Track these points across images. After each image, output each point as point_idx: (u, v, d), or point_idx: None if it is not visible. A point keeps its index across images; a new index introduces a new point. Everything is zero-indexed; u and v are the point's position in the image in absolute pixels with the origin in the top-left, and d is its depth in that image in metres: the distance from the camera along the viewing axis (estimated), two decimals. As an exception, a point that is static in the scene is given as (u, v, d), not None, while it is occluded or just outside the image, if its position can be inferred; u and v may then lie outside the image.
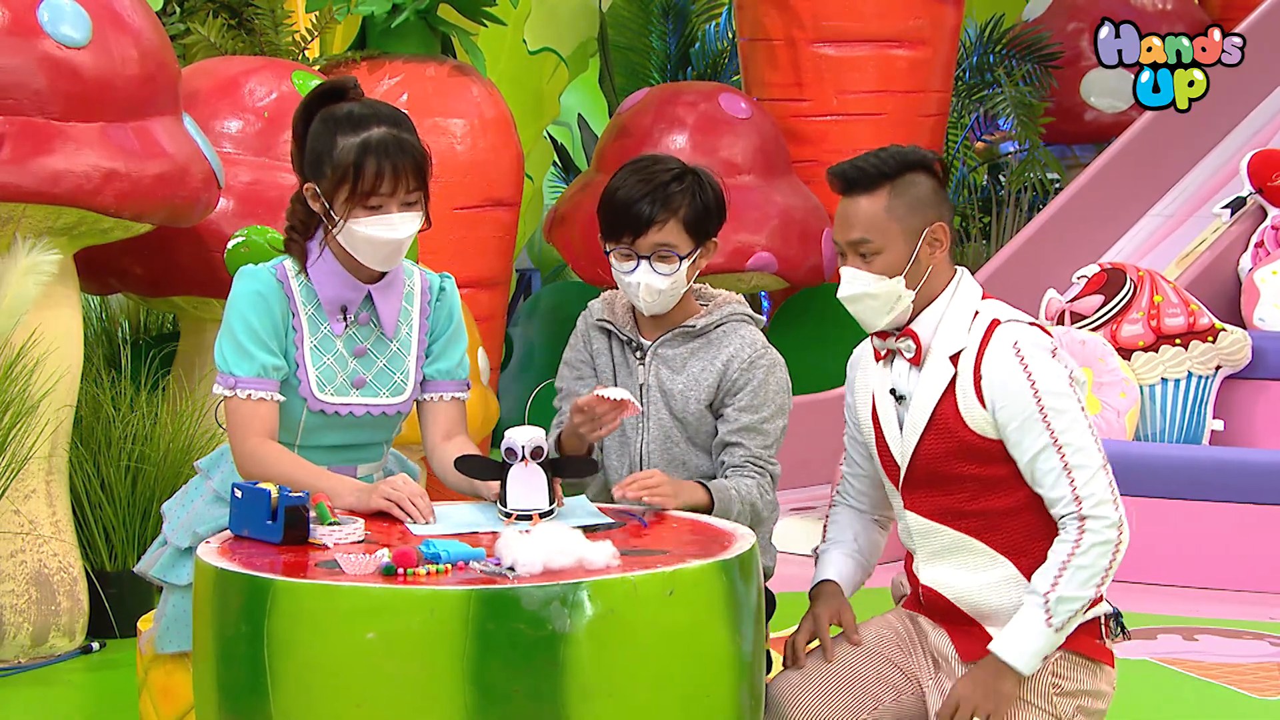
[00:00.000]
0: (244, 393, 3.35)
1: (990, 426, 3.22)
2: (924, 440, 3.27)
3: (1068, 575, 3.17)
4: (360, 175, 3.32)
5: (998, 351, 3.21)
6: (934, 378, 3.26)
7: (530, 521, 3.20)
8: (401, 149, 3.34)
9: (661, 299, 3.59)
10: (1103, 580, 3.19)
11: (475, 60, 6.74)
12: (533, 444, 3.26)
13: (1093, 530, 3.17)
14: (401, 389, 3.47)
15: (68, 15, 5.06)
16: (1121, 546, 3.19)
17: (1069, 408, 3.18)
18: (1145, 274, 7.16)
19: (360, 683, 2.78)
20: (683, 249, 3.55)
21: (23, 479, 5.17)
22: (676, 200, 3.54)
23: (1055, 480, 3.19)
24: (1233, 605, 6.01)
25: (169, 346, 6.14)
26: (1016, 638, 3.21)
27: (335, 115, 3.38)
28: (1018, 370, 3.19)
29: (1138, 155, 7.94)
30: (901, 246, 3.26)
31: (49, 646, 5.29)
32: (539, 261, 9.85)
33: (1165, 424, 6.90)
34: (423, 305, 3.52)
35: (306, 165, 3.40)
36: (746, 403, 3.60)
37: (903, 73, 7.81)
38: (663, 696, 2.86)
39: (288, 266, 3.44)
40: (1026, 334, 3.23)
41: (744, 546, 3.03)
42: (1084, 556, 3.17)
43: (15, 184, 4.97)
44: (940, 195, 3.31)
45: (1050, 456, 3.18)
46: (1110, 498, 3.18)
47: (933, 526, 3.30)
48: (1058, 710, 3.26)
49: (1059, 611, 3.18)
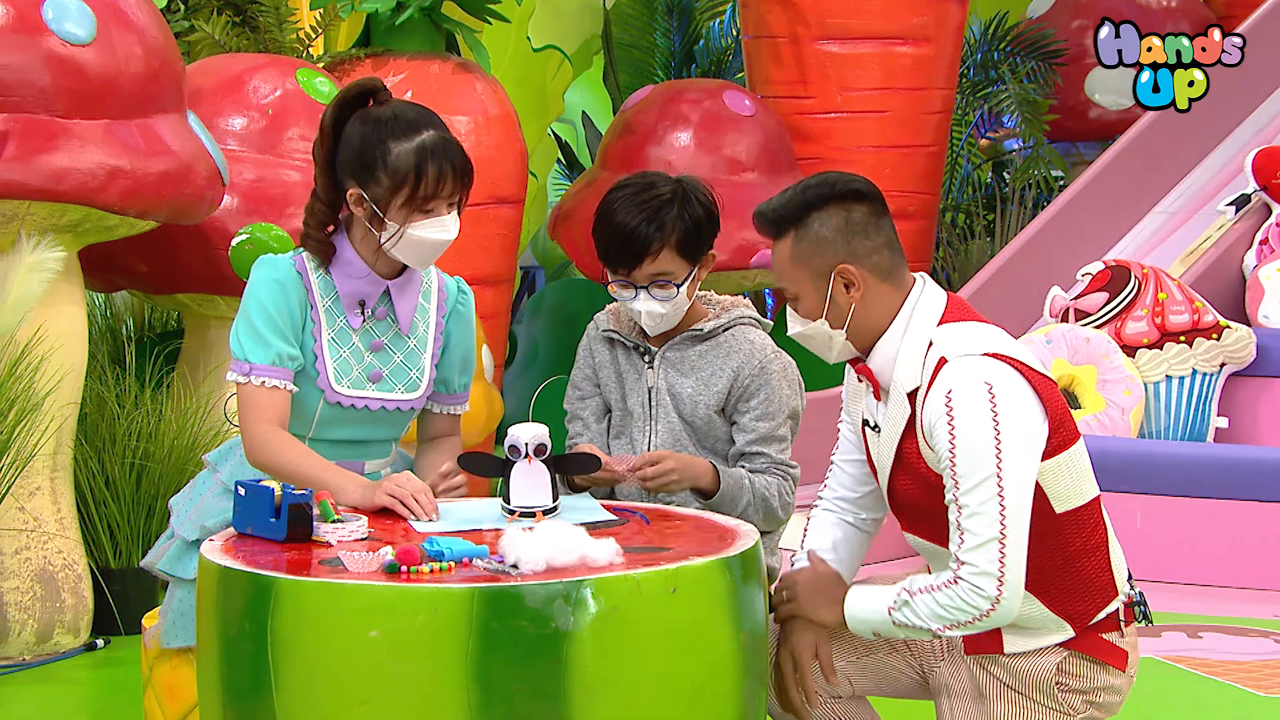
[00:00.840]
0: (258, 380, 3.36)
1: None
2: (894, 476, 3.22)
3: (926, 597, 3.10)
4: (422, 179, 3.33)
5: (934, 396, 3.09)
6: (896, 415, 3.18)
7: (534, 519, 3.20)
8: (455, 151, 3.37)
9: (665, 321, 3.61)
10: (951, 627, 3.09)
11: (479, 57, 6.74)
12: (536, 441, 3.27)
13: (963, 589, 3.07)
14: (417, 385, 3.50)
15: (72, 12, 5.06)
16: (989, 618, 3.05)
17: (979, 471, 3.03)
18: (1150, 271, 7.15)
19: (364, 681, 2.78)
20: (679, 275, 3.56)
21: (28, 476, 5.17)
22: (668, 228, 3.52)
23: (952, 533, 3.09)
24: (1237, 603, 6.01)
25: (173, 344, 6.14)
26: (865, 600, 3.16)
27: (379, 118, 3.37)
28: (943, 419, 3.06)
29: (1142, 152, 7.93)
30: (813, 291, 3.18)
31: (54, 644, 5.29)
32: (543, 259, 9.84)
33: (1170, 421, 6.90)
34: (439, 304, 3.54)
35: (350, 169, 3.37)
36: (761, 411, 3.61)
37: (907, 70, 7.80)
38: (666, 694, 2.86)
39: (306, 259, 3.45)
40: (966, 377, 3.07)
41: (747, 544, 3.03)
42: (946, 598, 3.08)
43: (20, 181, 4.97)
44: (849, 231, 3.16)
45: (953, 509, 3.08)
46: (993, 572, 3.03)
47: (934, 548, 3.25)
48: (1065, 705, 3.21)
49: (901, 612, 3.11)
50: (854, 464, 3.39)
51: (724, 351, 3.64)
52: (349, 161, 3.38)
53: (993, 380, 3.07)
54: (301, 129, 5.85)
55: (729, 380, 3.62)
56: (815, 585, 3.24)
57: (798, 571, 3.30)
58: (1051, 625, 3.20)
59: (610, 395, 3.71)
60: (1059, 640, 3.20)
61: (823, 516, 3.42)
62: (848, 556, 3.39)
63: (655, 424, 3.64)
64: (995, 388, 3.06)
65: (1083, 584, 3.20)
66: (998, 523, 3.03)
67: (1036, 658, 3.21)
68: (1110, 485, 6.36)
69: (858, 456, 3.37)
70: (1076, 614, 3.20)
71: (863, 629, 3.18)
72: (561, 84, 8.66)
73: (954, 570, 3.08)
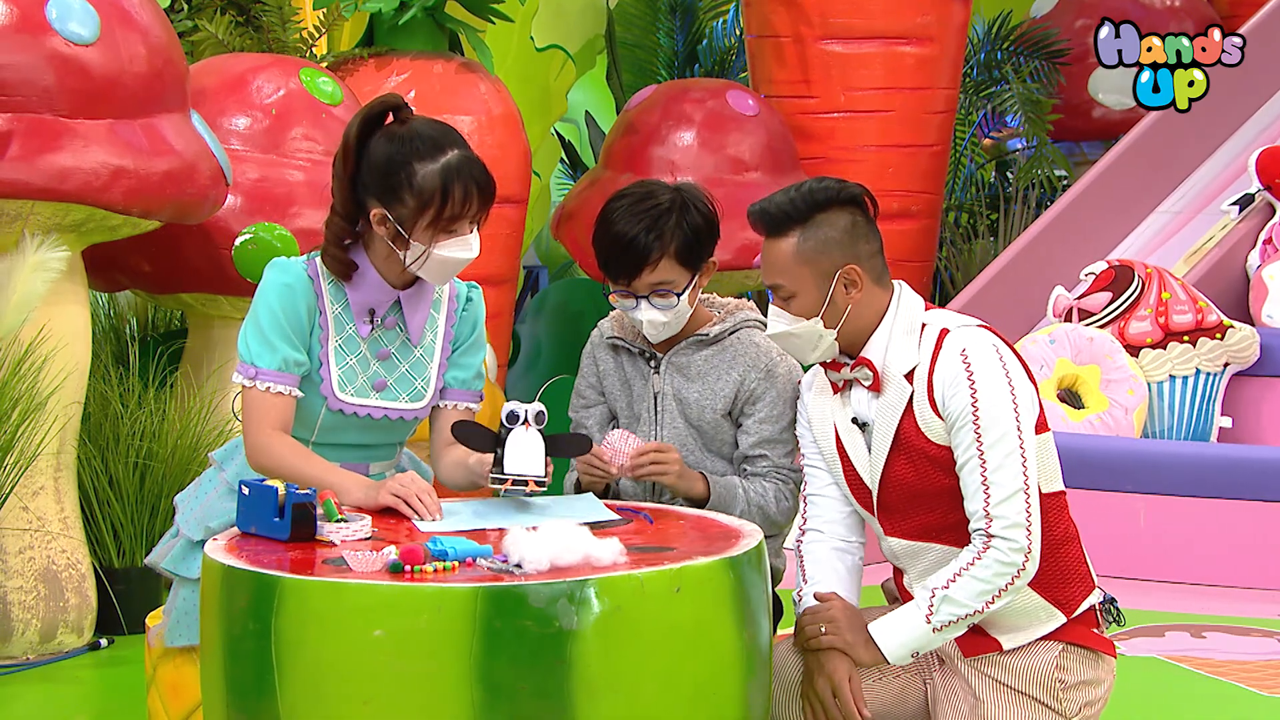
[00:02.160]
0: (263, 385, 3.36)
1: (948, 434, 3.20)
2: (891, 461, 3.25)
3: (961, 581, 3.16)
4: (449, 200, 3.32)
5: (947, 359, 3.19)
6: (893, 400, 3.24)
7: (526, 488, 3.20)
8: (479, 170, 3.36)
9: (667, 329, 3.61)
10: (994, 599, 3.16)
11: (483, 57, 6.74)
12: (535, 409, 3.27)
13: (997, 549, 3.15)
14: (421, 395, 3.49)
15: (76, 12, 5.06)
16: (1023, 573, 3.15)
17: (1001, 424, 3.14)
18: (1153, 271, 7.15)
19: (367, 680, 2.78)
20: (679, 284, 3.56)
21: (31, 476, 5.17)
22: (667, 237, 3.52)
23: (974, 493, 3.17)
24: (1241, 602, 6.01)
25: (177, 343, 6.14)
26: (895, 626, 3.20)
27: (402, 136, 3.35)
28: (963, 376, 3.17)
29: (1146, 152, 7.93)
30: (814, 290, 3.23)
31: (57, 643, 5.29)
32: (546, 258, 9.84)
33: (1173, 421, 6.90)
34: (449, 314, 3.53)
35: (374, 189, 3.35)
36: (765, 414, 3.62)
37: (910, 70, 7.79)
38: (670, 693, 2.86)
39: (319, 264, 3.44)
40: (974, 340, 3.20)
41: (751, 543, 3.03)
42: (982, 570, 3.15)
43: (24, 181, 4.97)
44: (855, 233, 3.24)
45: (974, 469, 3.16)
46: (1022, 523, 3.14)
47: (917, 546, 3.29)
48: (1063, 708, 3.26)
49: (941, 611, 3.16)
50: (832, 488, 3.40)
51: (730, 355, 3.64)
52: (373, 182, 3.36)
53: (997, 345, 3.22)
54: (305, 129, 5.85)
55: (735, 384, 3.63)
56: (853, 622, 3.26)
57: (831, 607, 3.29)
58: (1042, 614, 3.26)
59: (616, 402, 3.72)
60: (1050, 629, 3.26)
61: (817, 547, 3.39)
62: (850, 583, 3.38)
63: (661, 429, 3.65)
64: (1000, 351, 3.21)
65: (1065, 570, 3.28)
66: (1020, 475, 3.15)
67: (1035, 653, 3.27)
68: (1114, 485, 6.43)
69: (832, 482, 3.39)
70: (1063, 600, 3.27)
71: (903, 653, 3.22)
72: (565, 83, 8.66)
73: (983, 529, 3.15)
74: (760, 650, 3.02)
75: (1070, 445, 5.33)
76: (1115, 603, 3.35)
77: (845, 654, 3.23)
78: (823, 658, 3.26)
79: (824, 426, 3.35)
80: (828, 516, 3.39)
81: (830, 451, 3.35)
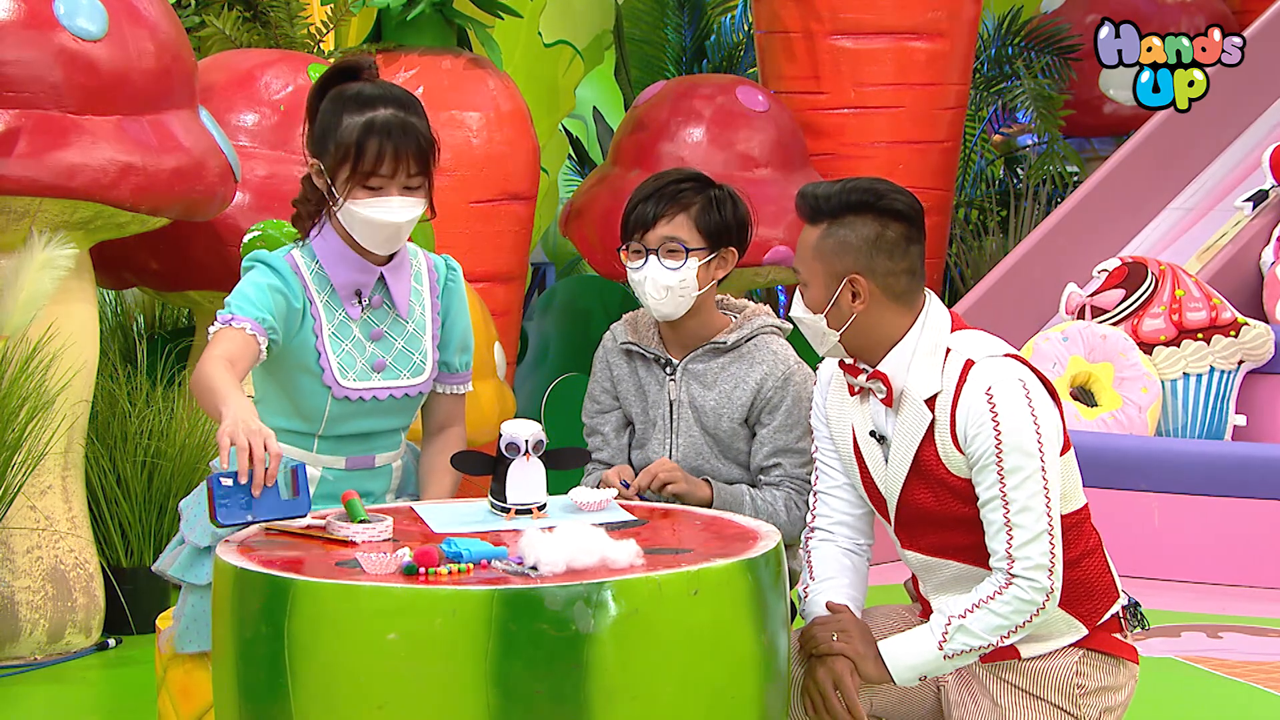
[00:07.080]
0: (236, 326, 3.30)
1: (969, 470, 3.16)
2: (910, 485, 3.21)
3: (979, 613, 3.12)
4: (361, 154, 3.33)
5: (971, 395, 3.12)
6: (912, 423, 3.18)
7: (530, 516, 3.18)
8: (405, 131, 3.34)
9: (670, 298, 3.56)
10: (1010, 634, 3.13)
11: (491, 53, 6.71)
12: (534, 438, 3.25)
13: (1019, 588, 3.11)
14: (421, 369, 3.49)
15: (83, 8, 5.04)
16: (1042, 612, 3.12)
17: (1026, 465, 3.09)
18: (1167, 268, 7.12)
19: (381, 684, 2.75)
20: (691, 243, 3.54)
21: (39, 475, 5.16)
22: (687, 197, 3.57)
23: (996, 532, 3.12)
24: (1257, 602, 5.98)
25: (184, 341, 6.13)
26: (905, 647, 3.17)
27: (345, 94, 3.39)
28: (987, 415, 3.10)
29: (1158, 148, 7.90)
30: (821, 288, 3.19)
31: (65, 643, 5.27)
32: (554, 255, 9.82)
33: (1187, 419, 6.87)
34: (432, 285, 3.54)
35: (314, 141, 3.42)
36: (781, 422, 3.61)
37: (921, 65, 7.76)
38: (687, 697, 2.83)
39: (296, 255, 3.43)
40: (1000, 375, 3.12)
41: (769, 545, 3.00)
42: (1001, 605, 3.12)
43: (31, 178, 4.95)
44: (877, 246, 3.16)
45: (997, 508, 3.11)
46: (1046, 564, 3.10)
47: (934, 562, 3.25)
48: (1082, 713, 3.23)
49: (955, 640, 3.13)
50: (844, 488, 3.35)
51: (747, 363, 3.63)
52: (312, 134, 3.43)
53: (1023, 378, 3.14)
54: (313, 125, 5.82)
55: (753, 391, 3.62)
56: (865, 636, 3.22)
57: (843, 619, 3.25)
58: (1063, 626, 3.22)
59: (631, 408, 3.70)
60: (1072, 640, 3.23)
61: (826, 548, 3.35)
62: (857, 589, 3.35)
63: (677, 437, 3.64)
64: (1027, 384, 3.14)
65: (1088, 584, 3.24)
66: (1045, 516, 3.10)
67: (1054, 658, 3.24)
68: (1127, 483, 6.40)
69: (845, 481, 3.34)
70: (1085, 613, 3.24)
71: (910, 676, 3.18)
72: (573, 79, 8.63)
73: (1005, 570, 3.11)
74: (779, 654, 2.99)
75: (1084, 444, 5.29)
76: (1139, 607, 3.31)
77: (852, 662, 3.20)
78: (826, 656, 3.23)
79: (841, 427, 3.31)
80: (837, 517, 3.35)
81: (848, 455, 3.31)
